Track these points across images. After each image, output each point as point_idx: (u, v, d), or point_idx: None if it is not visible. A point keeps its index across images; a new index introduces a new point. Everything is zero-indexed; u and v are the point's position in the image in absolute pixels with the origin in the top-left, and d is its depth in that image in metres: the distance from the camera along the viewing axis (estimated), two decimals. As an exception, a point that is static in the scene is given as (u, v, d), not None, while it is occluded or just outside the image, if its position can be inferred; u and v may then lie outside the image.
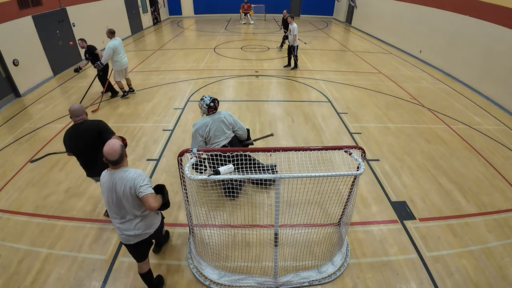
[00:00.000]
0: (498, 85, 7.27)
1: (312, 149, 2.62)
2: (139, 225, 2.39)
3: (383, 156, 5.02)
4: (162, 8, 19.15)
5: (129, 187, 2.19)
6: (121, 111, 6.54)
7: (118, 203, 2.27)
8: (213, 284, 2.86)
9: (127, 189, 2.20)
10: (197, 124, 3.78)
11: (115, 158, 2.18)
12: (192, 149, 2.49)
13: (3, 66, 6.95)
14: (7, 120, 6.24)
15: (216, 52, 11.53)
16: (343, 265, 3.08)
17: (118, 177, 2.21)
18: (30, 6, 7.84)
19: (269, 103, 7.03)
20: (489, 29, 7.60)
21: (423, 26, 10.66)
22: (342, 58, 11.18)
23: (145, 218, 2.42)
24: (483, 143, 5.52)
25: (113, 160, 2.18)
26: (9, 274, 2.97)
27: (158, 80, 8.47)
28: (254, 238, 3.29)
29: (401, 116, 6.47)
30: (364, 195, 4.14)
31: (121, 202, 2.26)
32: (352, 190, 2.90)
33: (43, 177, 4.43)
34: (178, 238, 3.40)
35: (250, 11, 18.39)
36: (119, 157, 2.20)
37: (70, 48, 9.74)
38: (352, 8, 17.34)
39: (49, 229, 3.51)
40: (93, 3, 11.01)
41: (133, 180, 2.20)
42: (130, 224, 2.37)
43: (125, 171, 2.24)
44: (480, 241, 3.44)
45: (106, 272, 3.01)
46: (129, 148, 5.14)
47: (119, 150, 2.19)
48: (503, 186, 4.38)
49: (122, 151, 2.22)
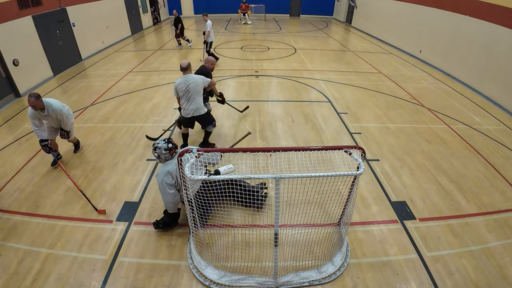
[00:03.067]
0: (498, 85, 7.27)
1: (312, 149, 2.62)
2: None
3: (383, 156, 5.02)
4: (162, 8, 19.15)
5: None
6: (121, 111, 6.54)
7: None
8: (213, 284, 2.86)
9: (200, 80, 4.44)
10: (159, 174, 3.17)
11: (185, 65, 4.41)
12: (192, 149, 2.49)
13: (3, 66, 6.95)
14: (7, 120, 6.24)
15: (216, 52, 11.53)
16: (343, 265, 3.08)
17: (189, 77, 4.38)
18: (30, 6, 7.83)
19: (269, 103, 7.03)
20: (489, 29, 7.60)
21: (423, 26, 10.67)
22: (342, 58, 11.18)
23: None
24: (483, 143, 5.52)
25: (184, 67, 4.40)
26: (9, 274, 2.97)
27: (158, 80, 8.47)
28: (254, 238, 3.29)
29: (401, 116, 6.48)
30: (364, 195, 4.14)
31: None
32: (352, 190, 2.90)
33: (43, 177, 4.43)
34: (178, 238, 3.40)
35: (248, 11, 18.39)
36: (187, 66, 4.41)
37: (70, 48, 9.76)
38: (352, 8, 17.35)
39: (49, 229, 3.51)
40: (93, 3, 11.01)
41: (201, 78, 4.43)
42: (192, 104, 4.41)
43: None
44: (480, 241, 3.44)
45: (106, 272, 3.01)
46: (129, 148, 5.15)
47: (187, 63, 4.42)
48: (503, 186, 4.38)
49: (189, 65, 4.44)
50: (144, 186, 4.24)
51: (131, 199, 3.99)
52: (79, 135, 5.54)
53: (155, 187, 4.21)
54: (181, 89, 4.41)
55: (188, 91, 4.40)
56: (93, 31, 11.06)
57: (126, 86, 7.97)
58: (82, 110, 6.62)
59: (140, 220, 3.66)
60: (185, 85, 4.38)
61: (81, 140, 5.21)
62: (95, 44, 11.33)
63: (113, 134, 5.58)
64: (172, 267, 3.07)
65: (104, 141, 5.35)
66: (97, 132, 5.64)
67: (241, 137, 4.64)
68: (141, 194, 4.09)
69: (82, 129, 5.77)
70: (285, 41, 13.63)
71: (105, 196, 4.05)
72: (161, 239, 3.40)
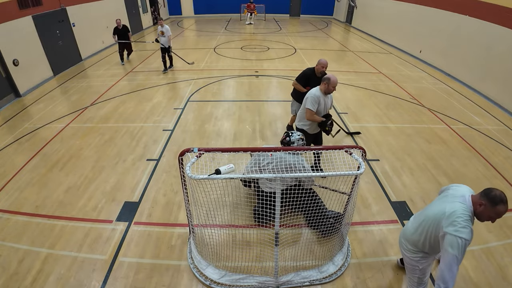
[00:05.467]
0: (498, 85, 7.27)
1: (312, 149, 2.62)
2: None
3: (383, 156, 5.02)
4: (162, 8, 19.15)
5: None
6: (121, 111, 6.54)
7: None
8: (214, 284, 2.86)
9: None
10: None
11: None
12: (192, 149, 2.49)
13: (3, 66, 6.95)
14: (7, 120, 6.24)
15: (216, 52, 11.54)
16: (344, 265, 3.08)
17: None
18: (30, 6, 7.83)
19: (269, 103, 7.03)
20: (489, 29, 7.60)
21: (423, 26, 10.67)
22: (342, 58, 11.18)
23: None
24: (483, 143, 5.52)
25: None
26: (9, 274, 2.96)
27: (158, 80, 8.47)
28: (255, 238, 3.29)
29: (401, 116, 6.48)
30: (364, 195, 4.14)
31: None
32: (353, 189, 2.90)
33: (43, 177, 4.43)
34: (178, 238, 3.40)
35: (255, 11, 18.43)
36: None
37: (70, 48, 9.76)
38: (352, 8, 17.35)
39: (49, 229, 3.51)
40: (93, 3, 11.01)
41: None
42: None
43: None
44: (480, 241, 3.44)
45: (106, 272, 3.00)
46: (129, 148, 5.15)
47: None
48: (503, 186, 4.38)
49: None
50: (144, 186, 4.23)
51: (131, 199, 3.99)
52: (79, 135, 5.56)
53: (155, 187, 4.22)
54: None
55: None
56: (93, 31, 11.05)
57: (126, 86, 7.97)
58: (82, 110, 6.62)
59: (140, 220, 3.66)
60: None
61: (81, 140, 5.21)
62: (95, 44, 11.33)
63: (113, 134, 5.57)
64: (172, 267, 3.07)
65: (104, 141, 5.35)
66: (97, 132, 5.64)
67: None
68: (141, 194, 4.09)
69: (82, 129, 5.78)
70: (285, 41, 13.63)
71: (105, 196, 4.05)
72: (161, 239, 3.40)
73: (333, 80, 3.73)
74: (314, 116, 3.90)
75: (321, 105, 3.89)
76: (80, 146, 5.19)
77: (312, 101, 3.82)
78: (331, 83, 3.74)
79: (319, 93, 3.86)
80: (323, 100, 3.90)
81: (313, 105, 3.82)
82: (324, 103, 3.93)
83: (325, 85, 3.80)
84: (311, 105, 3.82)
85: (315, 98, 3.81)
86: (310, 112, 3.86)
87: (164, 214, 3.75)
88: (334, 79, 3.74)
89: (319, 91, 3.87)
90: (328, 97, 4.00)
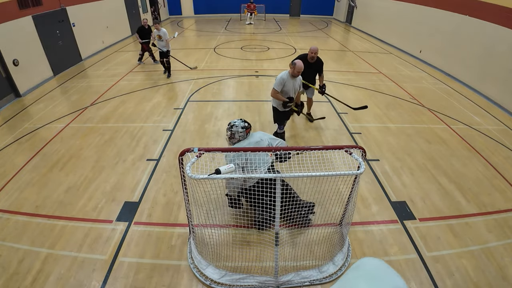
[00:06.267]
0: (498, 85, 7.27)
1: (312, 149, 2.62)
2: None
3: (383, 156, 5.02)
4: (162, 8, 19.15)
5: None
6: (121, 111, 6.54)
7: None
8: (214, 284, 2.86)
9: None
10: (229, 154, 2.95)
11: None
12: (192, 149, 2.49)
13: (3, 66, 6.95)
14: (7, 120, 6.24)
15: (216, 52, 11.54)
16: (344, 265, 3.08)
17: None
18: (30, 6, 7.83)
19: (269, 103, 7.00)
20: (489, 29, 7.60)
21: (423, 26, 10.67)
22: (342, 58, 11.18)
23: None
24: (483, 143, 5.52)
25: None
26: (9, 274, 2.96)
27: (158, 80, 8.47)
28: (255, 238, 3.29)
29: (401, 116, 6.48)
30: (364, 195, 4.14)
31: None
32: (353, 189, 2.90)
33: (43, 177, 4.43)
34: (178, 238, 3.40)
35: (255, 11, 18.44)
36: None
37: (70, 48, 9.76)
38: (352, 8, 17.35)
39: (49, 229, 3.51)
40: (93, 3, 11.01)
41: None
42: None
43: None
44: (480, 241, 3.44)
45: (106, 272, 3.00)
46: (129, 148, 5.15)
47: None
48: (503, 186, 4.38)
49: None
50: (144, 186, 4.23)
51: (131, 199, 3.99)
52: (79, 135, 5.56)
53: (155, 187, 4.22)
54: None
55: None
56: (93, 31, 11.06)
57: (126, 86, 7.97)
58: (82, 110, 6.62)
59: (140, 220, 3.66)
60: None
61: (81, 140, 5.21)
62: (95, 44, 11.33)
63: (113, 134, 5.57)
64: (172, 267, 3.07)
65: (104, 141, 5.35)
66: (97, 132, 5.64)
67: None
68: (141, 194, 4.09)
69: (82, 129, 5.78)
70: (285, 41, 13.63)
71: (105, 196, 4.05)
72: (161, 239, 3.40)
73: (298, 65, 4.27)
74: (277, 95, 4.48)
75: (287, 86, 4.43)
76: (80, 146, 5.19)
77: (278, 82, 4.40)
78: (296, 68, 4.28)
79: (286, 76, 4.37)
80: (291, 83, 4.43)
81: (278, 85, 4.41)
82: (292, 85, 4.46)
83: (292, 69, 4.34)
84: (276, 85, 4.41)
85: (281, 80, 4.37)
86: (273, 91, 4.48)
87: (164, 214, 3.75)
88: (300, 64, 4.27)
89: (287, 74, 4.38)
90: (296, 80, 4.50)
